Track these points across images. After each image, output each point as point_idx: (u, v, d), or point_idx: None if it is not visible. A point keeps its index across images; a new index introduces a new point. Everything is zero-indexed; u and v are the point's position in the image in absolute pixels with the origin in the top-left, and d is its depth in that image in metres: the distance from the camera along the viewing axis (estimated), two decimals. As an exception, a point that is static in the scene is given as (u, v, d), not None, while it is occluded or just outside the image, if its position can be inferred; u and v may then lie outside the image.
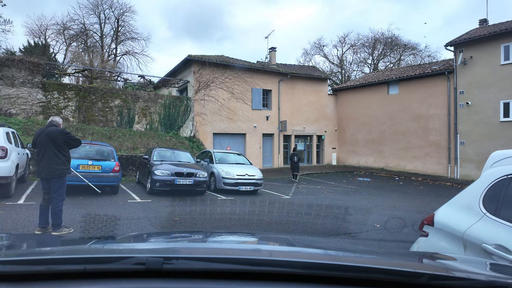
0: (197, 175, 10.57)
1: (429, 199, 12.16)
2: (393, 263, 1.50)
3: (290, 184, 15.07)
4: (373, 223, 7.77)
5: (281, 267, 1.15)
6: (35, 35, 30.99)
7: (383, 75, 25.18)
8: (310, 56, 43.70)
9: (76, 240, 2.27)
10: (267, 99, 22.77)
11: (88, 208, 7.97)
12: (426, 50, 47.80)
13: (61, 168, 5.60)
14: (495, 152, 2.99)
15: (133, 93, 18.54)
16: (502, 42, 16.94)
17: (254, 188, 11.77)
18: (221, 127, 20.52)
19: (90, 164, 9.40)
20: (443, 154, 19.56)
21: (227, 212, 8.70)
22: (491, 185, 2.60)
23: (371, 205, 10.26)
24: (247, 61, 23.38)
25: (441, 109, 19.60)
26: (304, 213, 8.85)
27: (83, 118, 16.78)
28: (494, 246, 2.28)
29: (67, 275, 1.08)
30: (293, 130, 23.68)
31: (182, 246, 1.76)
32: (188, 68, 20.51)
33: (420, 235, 3.12)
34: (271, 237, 2.87)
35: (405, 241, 6.13)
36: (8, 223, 6.24)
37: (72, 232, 5.76)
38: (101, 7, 32.87)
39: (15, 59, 15.70)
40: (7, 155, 8.04)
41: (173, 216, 7.88)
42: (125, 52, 34.87)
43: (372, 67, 39.94)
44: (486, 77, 17.56)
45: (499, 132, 17.00)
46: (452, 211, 2.86)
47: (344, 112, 25.77)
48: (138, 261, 1.10)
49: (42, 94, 15.93)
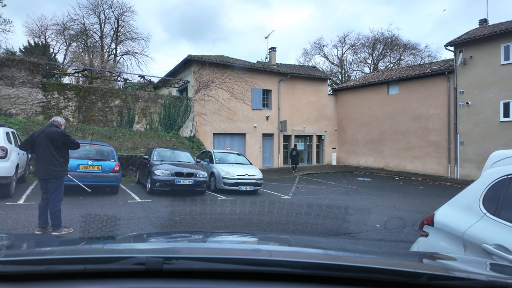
0: (197, 175, 10.57)
1: (429, 199, 12.16)
2: (393, 263, 1.50)
3: (290, 184, 15.08)
4: (373, 223, 7.77)
5: (281, 267, 1.15)
6: (35, 35, 31.03)
7: (383, 75, 25.18)
8: (310, 56, 43.74)
9: (76, 240, 2.27)
10: (267, 99, 22.77)
11: (88, 208, 7.97)
12: (426, 50, 47.91)
13: (58, 170, 5.60)
14: (495, 152, 2.99)
15: (133, 93, 18.54)
16: (502, 42, 16.94)
17: (254, 188, 11.77)
18: (221, 127, 20.52)
19: (90, 164, 9.40)
20: (443, 154, 19.56)
21: (227, 212, 8.70)
22: (491, 185, 2.60)
23: (371, 205, 10.26)
24: (247, 61, 23.38)
25: (441, 109, 19.60)
26: (304, 213, 8.85)
27: (83, 118, 16.78)
28: (494, 246, 2.28)
29: (67, 275, 1.08)
30: (293, 130, 23.67)
31: (182, 246, 1.76)
32: (188, 68, 20.51)
33: (420, 235, 3.12)
34: (271, 237, 2.87)
35: (405, 241, 6.13)
36: (8, 223, 6.24)
37: (72, 232, 5.77)
38: (101, 7, 32.90)
39: (15, 59, 15.70)
40: (7, 155, 8.04)
41: (173, 216, 7.88)
42: (125, 52, 34.90)
43: (372, 67, 39.94)
44: (486, 77, 17.56)
45: (499, 132, 17.00)
46: (452, 211, 2.86)
47: (344, 112, 25.77)
48: (138, 261, 1.10)
49: (42, 94, 15.93)
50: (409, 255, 2.22)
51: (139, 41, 37.44)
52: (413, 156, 21.08)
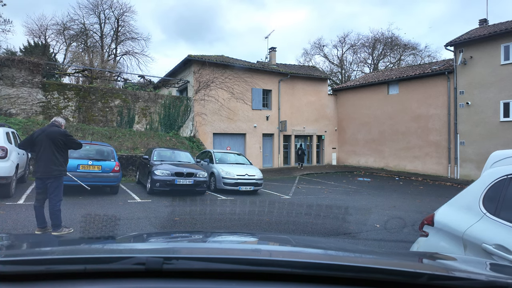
0: (197, 175, 10.57)
1: (429, 199, 12.16)
2: (393, 263, 1.50)
3: (290, 184, 15.08)
4: (373, 223, 7.77)
5: (281, 267, 1.15)
6: (35, 35, 31.01)
7: (383, 75, 25.18)
8: (310, 56, 43.73)
9: (76, 240, 2.27)
10: (267, 99, 22.77)
11: (88, 208, 7.97)
12: (426, 50, 47.91)
13: (59, 169, 5.60)
14: (495, 152, 2.99)
15: (133, 93, 18.54)
16: (502, 42, 16.94)
17: (254, 188, 11.77)
18: (221, 127, 20.52)
19: (90, 164, 9.40)
20: (443, 154, 19.56)
21: (227, 212, 8.70)
22: (491, 185, 2.60)
23: (371, 205, 10.26)
24: (247, 61, 23.38)
25: (441, 109, 19.60)
26: (304, 213, 8.85)
27: (83, 118, 16.78)
28: (494, 246, 2.28)
29: (67, 275, 1.08)
30: (293, 130, 23.67)
31: (182, 246, 1.76)
32: (188, 68, 20.50)
33: (420, 235, 3.12)
34: (271, 237, 2.86)
35: (405, 241, 6.13)
36: (8, 223, 6.23)
37: (72, 232, 5.76)
38: (101, 7, 32.89)
39: (15, 59, 15.69)
40: (7, 155, 8.04)
41: (173, 216, 7.88)
42: (125, 52, 34.89)
43: (372, 67, 39.93)
44: (486, 77, 17.56)
45: (499, 132, 17.00)
46: (452, 211, 2.86)
47: (344, 112, 25.77)
48: (138, 261, 1.10)
49: (42, 94, 15.92)
50: (409, 255, 2.22)
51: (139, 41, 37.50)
52: (413, 156, 21.08)
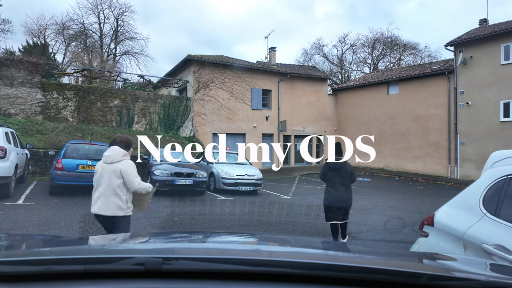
0: (196, 175, 10.56)
1: (429, 199, 12.16)
2: (393, 263, 1.50)
3: (290, 184, 15.07)
4: (373, 223, 7.77)
5: (280, 268, 1.15)
6: (34, 35, 30.97)
7: (383, 75, 25.18)
8: (309, 56, 43.70)
9: (75, 240, 2.26)
10: (267, 99, 22.76)
11: (88, 208, 7.92)
12: (426, 50, 47.85)
13: None
14: (495, 152, 2.98)
15: (132, 93, 18.53)
16: (502, 42, 16.94)
17: (253, 188, 11.76)
18: (220, 127, 20.50)
19: (89, 165, 9.39)
20: (443, 154, 19.56)
21: (227, 213, 8.70)
22: (491, 185, 2.60)
23: (371, 205, 10.25)
24: (247, 61, 23.38)
25: (441, 109, 19.60)
26: (304, 213, 8.85)
27: (83, 118, 16.76)
28: (494, 246, 2.28)
29: (66, 275, 1.08)
30: (293, 130, 23.67)
31: (181, 247, 1.76)
32: (188, 68, 20.49)
33: (420, 235, 3.12)
34: (270, 237, 2.86)
35: (405, 242, 6.13)
36: (7, 223, 6.23)
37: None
38: (100, 7, 32.89)
39: (14, 59, 15.68)
40: (6, 155, 8.03)
41: (173, 216, 7.87)
42: (125, 52, 34.89)
43: (372, 67, 39.94)
44: (486, 77, 17.56)
45: (499, 132, 17.00)
46: (452, 211, 2.86)
47: (344, 112, 25.76)
48: (137, 261, 1.09)
49: (41, 94, 15.91)
50: (409, 255, 2.22)
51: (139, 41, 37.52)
52: (413, 156, 21.08)
